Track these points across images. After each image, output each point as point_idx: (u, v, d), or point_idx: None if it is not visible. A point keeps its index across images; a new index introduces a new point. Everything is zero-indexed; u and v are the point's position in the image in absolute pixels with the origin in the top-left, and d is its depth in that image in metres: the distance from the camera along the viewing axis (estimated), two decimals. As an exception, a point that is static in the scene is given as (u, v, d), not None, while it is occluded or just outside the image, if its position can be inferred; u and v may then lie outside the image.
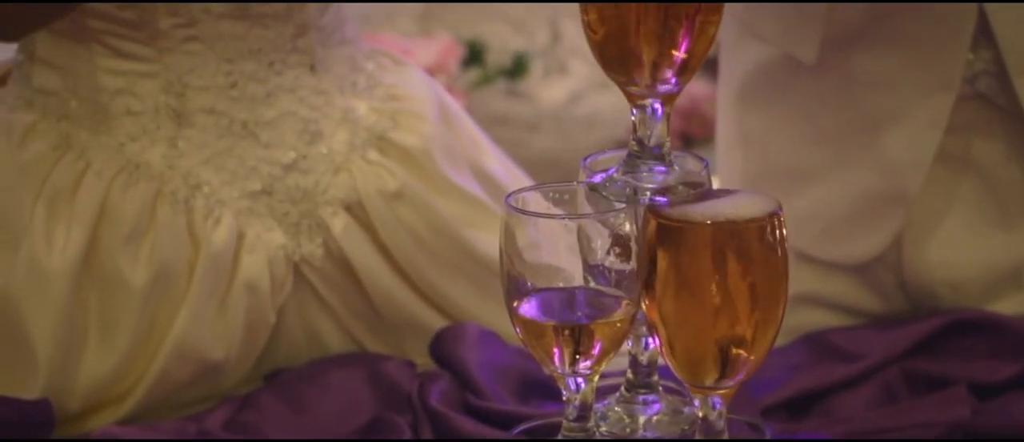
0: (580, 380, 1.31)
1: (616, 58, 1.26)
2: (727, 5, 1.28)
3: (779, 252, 1.24)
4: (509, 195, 1.28)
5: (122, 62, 1.59)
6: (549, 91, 3.91)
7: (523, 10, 4.41)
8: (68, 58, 1.60)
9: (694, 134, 3.52)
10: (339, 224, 1.63)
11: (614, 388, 1.43)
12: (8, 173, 1.58)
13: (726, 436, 1.28)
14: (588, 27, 1.27)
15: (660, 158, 1.29)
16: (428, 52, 3.79)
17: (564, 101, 3.84)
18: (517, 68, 3.95)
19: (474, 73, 3.92)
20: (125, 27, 1.58)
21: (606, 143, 3.48)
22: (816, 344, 1.62)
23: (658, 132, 1.28)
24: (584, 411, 1.32)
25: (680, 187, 1.28)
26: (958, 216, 1.68)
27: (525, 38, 4.19)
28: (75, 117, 1.60)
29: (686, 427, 1.38)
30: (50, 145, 1.59)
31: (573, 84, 3.91)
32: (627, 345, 1.39)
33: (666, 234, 1.24)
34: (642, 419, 1.39)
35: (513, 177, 1.77)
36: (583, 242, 1.27)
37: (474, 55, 3.97)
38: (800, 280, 1.59)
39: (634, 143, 1.29)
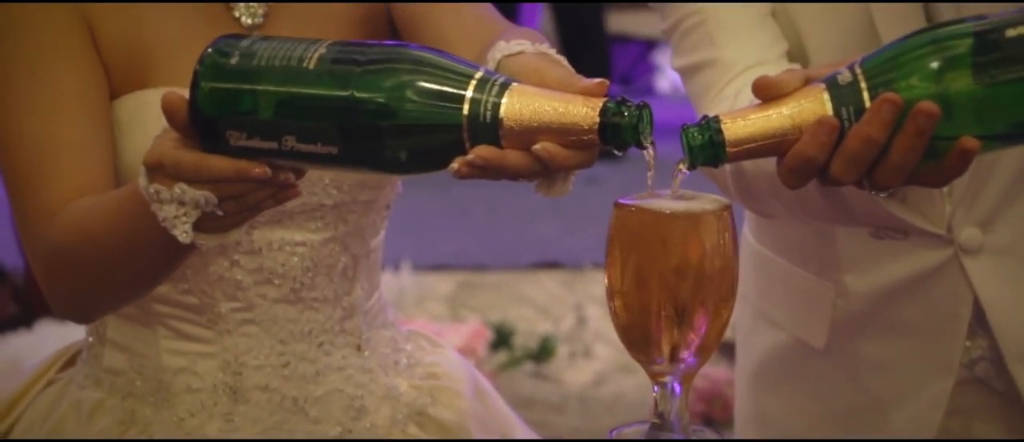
0: None
1: (639, 340, 1.34)
2: (740, 294, 1.36)
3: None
4: (545, 463, 1.36)
5: (185, 343, 1.68)
6: (574, 374, 3.91)
7: (549, 295, 4.46)
8: (135, 340, 1.69)
9: (715, 416, 3.50)
10: (380, 494, 1.70)
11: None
12: (76, 447, 1.67)
13: None
14: (613, 313, 1.35)
15: (680, 430, 1.35)
16: (457, 336, 3.79)
17: (589, 383, 3.84)
18: (543, 351, 3.96)
19: (501, 356, 3.93)
20: (188, 311, 1.68)
21: (630, 424, 3.48)
22: None
23: (677, 407, 1.36)
24: None
25: (699, 458, 1.35)
26: (963, 493, 1.71)
27: (551, 322, 4.22)
28: (139, 394, 1.68)
29: None
30: (116, 421, 1.67)
31: (598, 367, 3.92)
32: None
33: (686, 500, 1.32)
34: None
35: (541, 452, 1.84)
36: (611, 506, 1.34)
37: (501, 339, 3.98)
38: None
39: (656, 417, 1.36)
